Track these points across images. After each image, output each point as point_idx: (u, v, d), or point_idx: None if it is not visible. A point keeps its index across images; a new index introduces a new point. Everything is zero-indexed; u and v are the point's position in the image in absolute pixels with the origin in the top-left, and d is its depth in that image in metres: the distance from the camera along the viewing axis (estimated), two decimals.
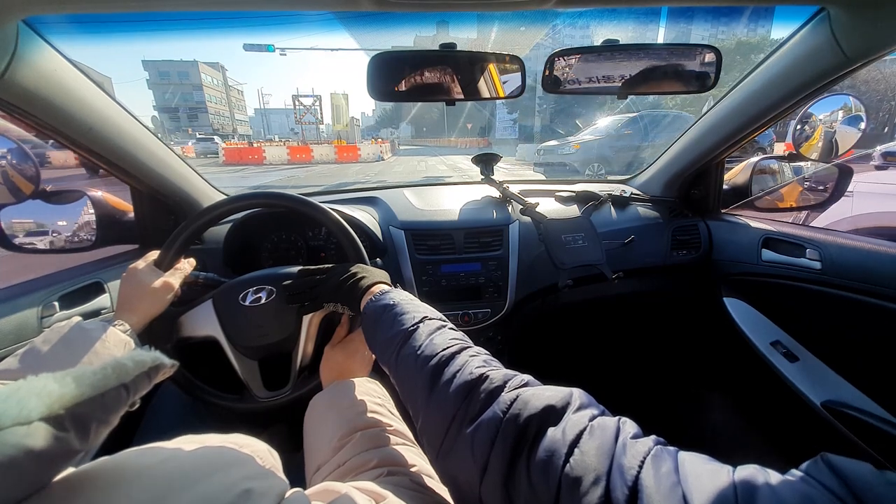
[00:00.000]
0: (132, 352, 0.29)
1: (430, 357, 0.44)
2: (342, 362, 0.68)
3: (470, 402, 0.38)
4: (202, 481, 0.26)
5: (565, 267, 1.10)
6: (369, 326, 0.56)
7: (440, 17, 3.78)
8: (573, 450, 0.30)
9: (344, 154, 21.39)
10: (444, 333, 0.48)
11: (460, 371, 0.41)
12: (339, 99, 42.16)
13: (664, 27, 41.93)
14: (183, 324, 0.75)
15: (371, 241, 1.14)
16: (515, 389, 0.37)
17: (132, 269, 0.71)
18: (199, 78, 73.35)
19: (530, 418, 0.34)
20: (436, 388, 0.41)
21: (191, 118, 72.33)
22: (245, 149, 21.26)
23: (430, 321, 0.51)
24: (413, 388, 0.45)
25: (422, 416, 0.42)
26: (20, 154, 0.83)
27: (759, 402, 1.21)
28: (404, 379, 0.47)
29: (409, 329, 0.49)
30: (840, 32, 0.71)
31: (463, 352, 0.45)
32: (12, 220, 0.89)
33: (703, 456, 0.29)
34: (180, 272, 0.75)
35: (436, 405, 0.41)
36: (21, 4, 0.56)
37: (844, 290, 0.96)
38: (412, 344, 0.47)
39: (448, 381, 0.41)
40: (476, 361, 0.43)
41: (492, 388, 0.38)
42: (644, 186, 1.48)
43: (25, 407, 0.20)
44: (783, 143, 2.78)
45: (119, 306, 0.67)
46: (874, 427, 0.90)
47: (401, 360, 0.48)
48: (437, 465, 0.41)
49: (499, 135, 63.95)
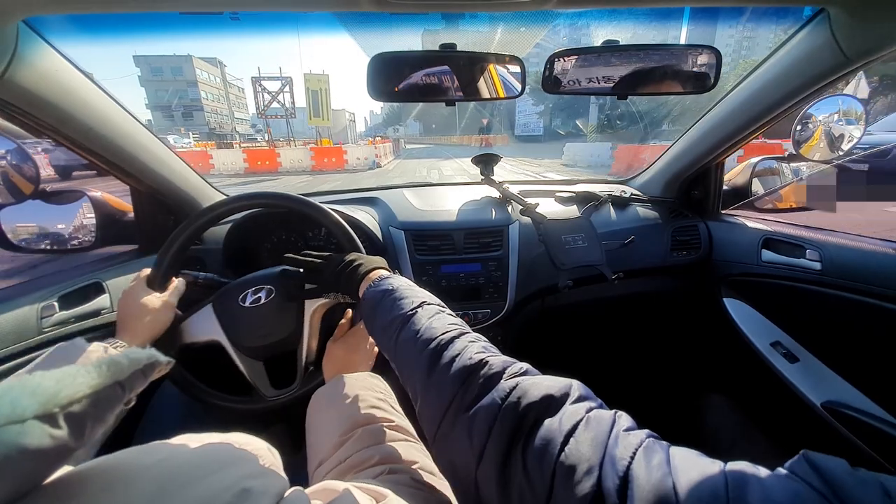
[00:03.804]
0: (127, 349, 0.29)
1: (429, 341, 0.44)
2: (344, 357, 0.68)
3: (468, 387, 0.38)
4: (200, 480, 0.26)
5: (565, 267, 1.10)
6: (368, 312, 0.56)
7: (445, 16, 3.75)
8: (568, 439, 0.31)
9: (323, 160, 15.71)
10: (443, 318, 0.48)
11: (459, 355, 0.41)
12: (316, 81, 26.61)
13: (687, 27, 40.81)
14: (184, 330, 0.75)
15: (371, 242, 1.13)
16: (514, 377, 0.37)
17: (128, 292, 0.70)
18: (194, 74, 68.38)
19: (528, 407, 0.34)
20: (434, 372, 0.41)
21: (185, 117, 67.89)
22: (197, 152, 15.98)
23: (428, 306, 0.51)
24: (412, 372, 0.45)
25: (420, 400, 0.43)
26: (20, 154, 0.83)
27: (759, 402, 1.21)
28: (403, 363, 0.47)
29: (407, 313, 0.49)
30: (840, 33, 0.71)
31: (462, 336, 0.45)
32: (12, 220, 0.89)
33: (695, 451, 0.29)
34: (177, 290, 0.75)
35: (434, 389, 0.41)
36: (21, 4, 0.56)
37: (844, 290, 0.95)
38: (411, 328, 0.47)
39: (447, 364, 0.41)
40: (475, 347, 0.43)
41: (490, 374, 0.38)
42: (644, 187, 1.48)
43: (19, 405, 0.20)
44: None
45: (119, 329, 0.67)
46: (874, 427, 0.90)
47: (400, 345, 0.48)
48: (434, 448, 0.41)
49: (520, 131, 56.56)
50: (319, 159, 15.72)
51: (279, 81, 27.13)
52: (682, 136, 1.28)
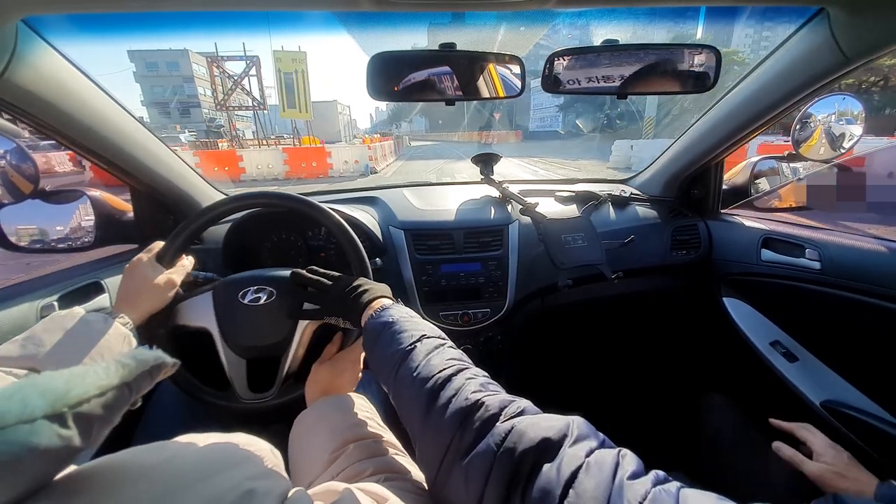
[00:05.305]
0: (134, 350, 0.29)
1: (426, 379, 0.43)
2: (330, 380, 0.67)
3: (465, 431, 0.37)
4: (205, 481, 0.26)
5: (565, 267, 1.10)
6: (369, 344, 0.55)
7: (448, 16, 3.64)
8: (568, 490, 0.29)
9: (300, 164, 11.70)
10: (442, 353, 0.47)
11: (455, 396, 0.40)
12: (290, 61, 18.74)
13: (702, 26, 39.17)
14: (180, 311, 0.75)
15: (371, 242, 1.13)
16: (511, 419, 0.36)
17: (135, 263, 0.70)
18: (191, 69, 62.16)
19: (525, 453, 0.33)
20: (431, 413, 0.40)
21: (182, 113, 63.61)
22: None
23: (428, 339, 0.49)
24: (410, 412, 0.43)
25: (418, 443, 0.42)
26: (19, 154, 0.83)
27: (759, 401, 1.21)
28: (402, 401, 0.46)
29: (406, 348, 0.48)
30: (839, 32, 0.71)
31: (459, 374, 0.43)
32: (12, 220, 0.89)
33: (711, 494, 0.28)
34: (182, 269, 0.75)
35: (431, 432, 0.40)
36: (21, 4, 0.56)
37: (844, 289, 0.96)
38: (409, 365, 0.46)
39: (443, 406, 0.40)
40: (472, 385, 0.41)
41: (487, 417, 0.37)
42: (644, 186, 1.49)
43: (29, 405, 0.20)
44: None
45: (120, 299, 0.67)
46: (873, 427, 0.90)
47: (398, 381, 0.47)
48: (433, 494, 0.40)
49: (536, 126, 49.17)
50: (295, 164, 11.68)
51: (243, 62, 19.53)
52: (681, 135, 1.28)
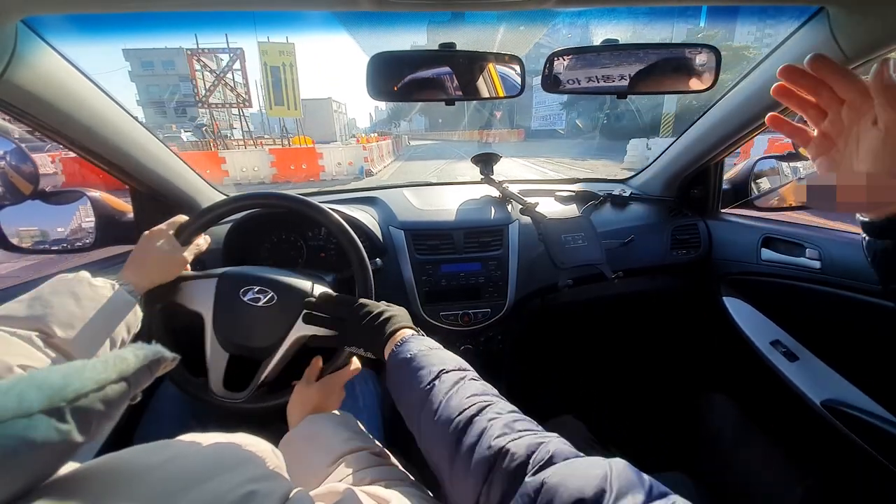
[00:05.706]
0: (134, 345, 0.29)
1: (448, 423, 0.42)
2: (317, 402, 0.67)
3: (491, 486, 0.35)
4: (206, 482, 0.26)
5: (565, 266, 1.10)
6: (392, 380, 0.54)
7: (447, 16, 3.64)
8: None
9: (289, 166, 11.14)
10: (462, 389, 0.45)
11: (478, 443, 0.38)
12: (277, 54, 17.52)
13: (703, 25, 38.94)
14: (182, 290, 0.75)
15: (371, 242, 1.13)
16: (541, 471, 0.33)
17: (154, 232, 0.70)
18: (187, 67, 62.10)
19: None
20: (457, 463, 0.38)
21: (178, 113, 61.15)
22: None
23: (447, 374, 0.48)
24: (438, 458, 0.42)
25: (449, 495, 0.40)
26: (19, 154, 0.83)
27: (759, 401, 1.21)
28: (427, 445, 0.44)
29: (425, 388, 0.47)
30: (839, 32, 0.71)
31: (481, 413, 0.41)
32: (12, 220, 0.89)
33: None
34: (197, 248, 0.75)
35: (459, 484, 0.38)
36: (20, 4, 0.56)
37: (844, 289, 0.96)
38: (429, 407, 0.45)
39: (467, 454, 0.38)
40: (496, 427, 0.39)
41: (514, 468, 0.34)
42: (644, 186, 1.48)
43: (26, 399, 0.20)
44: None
45: (129, 264, 0.67)
46: (874, 426, 0.90)
47: (421, 425, 0.45)
48: None
49: (538, 124, 48.07)
50: (284, 166, 10.96)
51: (226, 55, 17.88)
52: (681, 135, 1.28)
